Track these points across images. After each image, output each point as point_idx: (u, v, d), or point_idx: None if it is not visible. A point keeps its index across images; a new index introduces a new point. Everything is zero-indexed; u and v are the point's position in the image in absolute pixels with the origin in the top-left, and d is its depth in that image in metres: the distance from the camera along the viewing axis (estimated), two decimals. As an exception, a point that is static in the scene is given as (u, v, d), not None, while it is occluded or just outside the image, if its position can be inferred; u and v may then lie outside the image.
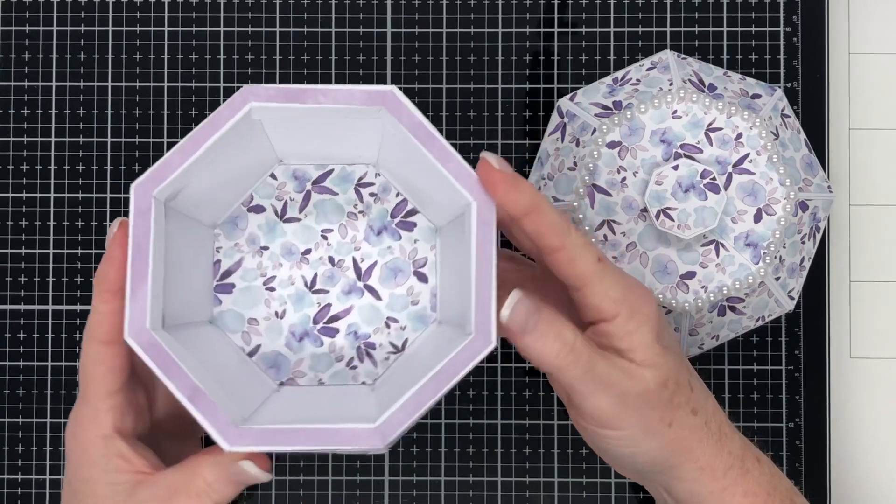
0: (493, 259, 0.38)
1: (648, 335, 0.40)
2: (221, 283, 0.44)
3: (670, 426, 0.41)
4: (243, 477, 0.40)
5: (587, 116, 0.48)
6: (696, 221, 0.46)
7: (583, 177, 0.47)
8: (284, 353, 0.44)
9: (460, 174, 0.38)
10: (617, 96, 0.48)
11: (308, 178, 0.45)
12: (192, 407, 0.38)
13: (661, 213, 0.46)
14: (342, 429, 0.38)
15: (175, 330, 0.40)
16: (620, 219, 0.47)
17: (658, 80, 0.48)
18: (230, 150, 0.40)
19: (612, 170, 0.47)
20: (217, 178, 0.41)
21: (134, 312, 0.38)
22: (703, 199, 0.46)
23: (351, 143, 0.43)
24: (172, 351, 0.38)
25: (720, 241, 0.47)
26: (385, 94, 0.39)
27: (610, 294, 0.40)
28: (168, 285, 0.40)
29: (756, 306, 0.49)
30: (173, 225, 0.40)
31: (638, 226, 0.47)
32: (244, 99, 0.39)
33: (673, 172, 0.46)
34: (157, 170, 0.39)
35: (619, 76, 0.50)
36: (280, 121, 0.40)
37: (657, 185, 0.46)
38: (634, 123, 0.47)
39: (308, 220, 0.45)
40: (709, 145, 0.47)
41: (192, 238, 0.42)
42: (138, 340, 0.38)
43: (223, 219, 0.45)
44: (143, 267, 0.38)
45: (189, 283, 0.42)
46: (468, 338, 0.38)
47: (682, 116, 0.47)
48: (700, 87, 0.48)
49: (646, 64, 0.50)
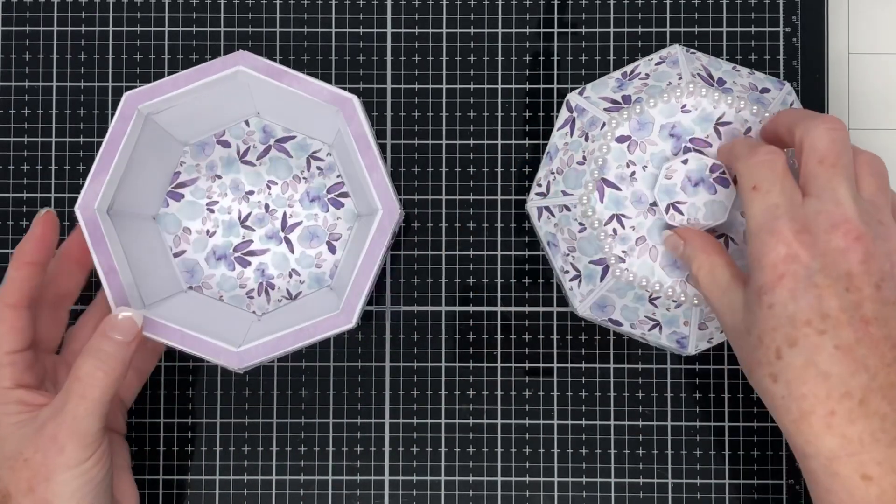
0: (378, 261, 0.46)
1: (757, 280, 0.41)
2: (174, 191, 0.52)
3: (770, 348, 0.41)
4: (115, 327, 0.45)
5: (596, 111, 0.48)
6: (705, 216, 0.46)
7: (592, 171, 0.47)
8: (201, 265, 0.52)
9: (379, 185, 0.46)
10: (626, 91, 0.48)
11: (274, 135, 0.52)
12: (105, 282, 0.46)
13: (671, 207, 0.46)
14: (210, 343, 0.46)
15: (122, 216, 0.48)
16: (630, 213, 0.47)
17: (667, 75, 0.48)
18: (216, 93, 0.48)
19: (621, 164, 0.47)
20: (198, 110, 0.49)
21: (88, 193, 0.46)
22: (712, 194, 0.46)
23: (317, 122, 0.50)
24: (106, 232, 0.46)
25: (730, 236, 0.47)
26: (346, 99, 0.47)
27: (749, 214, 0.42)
28: (128, 177, 0.48)
29: None
30: (150, 133, 0.48)
31: (647, 220, 0.47)
32: (235, 61, 0.47)
33: (682, 167, 0.46)
34: (148, 90, 0.47)
35: (627, 71, 0.49)
36: (265, 87, 0.48)
37: (666, 179, 0.46)
38: (644, 118, 0.47)
39: (261, 168, 0.52)
40: (718, 139, 0.47)
41: (163, 147, 0.50)
42: (84, 215, 0.46)
43: (194, 141, 0.52)
44: (108, 160, 0.47)
45: (147, 181, 0.50)
46: (334, 312, 0.46)
47: (691, 111, 0.47)
48: (709, 82, 0.48)
49: (654, 58, 0.49)
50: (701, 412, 0.54)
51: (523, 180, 0.55)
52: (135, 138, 0.47)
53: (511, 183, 0.55)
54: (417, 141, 0.55)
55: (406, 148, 0.55)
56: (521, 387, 0.54)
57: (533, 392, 0.54)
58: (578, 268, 0.49)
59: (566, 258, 0.49)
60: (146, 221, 0.51)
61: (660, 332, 0.49)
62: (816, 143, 0.41)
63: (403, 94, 0.55)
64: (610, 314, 0.49)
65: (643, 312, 0.48)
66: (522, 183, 0.55)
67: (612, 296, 0.48)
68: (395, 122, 0.55)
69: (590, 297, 0.48)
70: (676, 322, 0.48)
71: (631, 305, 0.48)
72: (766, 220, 0.40)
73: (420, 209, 0.55)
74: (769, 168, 0.41)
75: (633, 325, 0.49)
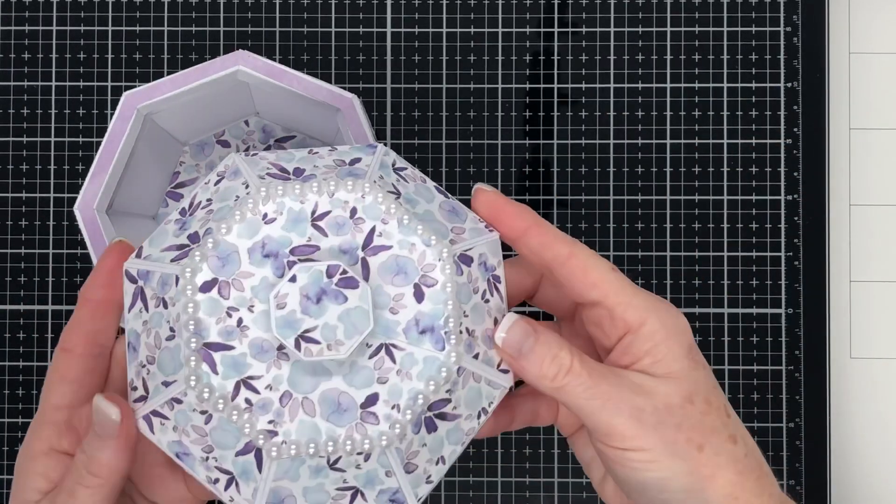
0: None
1: (678, 348, 0.37)
2: (173, 191, 0.53)
3: (701, 450, 0.36)
4: (99, 419, 0.36)
5: (163, 267, 0.37)
6: (346, 332, 0.36)
7: (188, 340, 0.36)
8: None
9: None
10: (190, 229, 0.38)
11: (274, 135, 0.53)
12: None
13: (301, 341, 0.36)
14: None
15: (121, 215, 0.49)
16: (258, 370, 0.36)
17: (232, 190, 0.38)
18: (215, 93, 0.48)
19: (220, 317, 0.36)
20: (198, 110, 0.50)
21: (87, 193, 0.47)
22: (342, 303, 0.36)
23: (317, 122, 0.50)
24: (105, 232, 0.47)
25: (389, 343, 0.37)
26: (346, 99, 0.46)
27: (634, 302, 0.37)
28: (127, 177, 0.48)
29: (468, 400, 0.38)
30: (149, 133, 0.49)
31: (283, 370, 0.36)
32: (235, 61, 0.47)
33: (293, 286, 0.36)
34: (147, 89, 0.47)
35: (185, 206, 0.40)
36: (264, 86, 0.47)
37: (280, 309, 0.36)
38: (223, 250, 0.37)
39: None
40: (324, 237, 0.37)
41: (162, 148, 0.51)
42: (83, 214, 0.47)
43: (194, 141, 0.53)
44: (107, 160, 0.47)
45: (147, 181, 0.51)
46: None
47: (276, 217, 0.37)
48: (284, 177, 0.39)
49: (212, 178, 0.40)
50: (701, 412, 0.54)
51: (523, 180, 0.55)
52: (134, 138, 0.48)
53: (511, 183, 0.55)
54: (417, 141, 0.55)
55: (406, 148, 0.55)
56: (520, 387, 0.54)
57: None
58: (226, 468, 0.37)
59: (206, 463, 0.37)
60: (146, 221, 0.51)
61: (365, 501, 0.38)
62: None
63: (403, 93, 0.55)
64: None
65: (332, 486, 0.37)
66: (522, 183, 0.55)
67: (285, 483, 0.37)
68: (395, 121, 0.55)
69: (258, 497, 0.37)
70: (376, 478, 0.37)
71: (313, 485, 0.37)
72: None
73: (420, 209, 0.55)
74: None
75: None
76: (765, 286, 0.54)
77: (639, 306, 0.37)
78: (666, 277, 0.55)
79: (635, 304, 0.37)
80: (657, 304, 0.37)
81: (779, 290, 0.54)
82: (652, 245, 0.55)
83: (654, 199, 0.55)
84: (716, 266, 0.55)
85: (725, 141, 0.55)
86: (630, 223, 0.55)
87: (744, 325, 0.54)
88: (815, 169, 0.55)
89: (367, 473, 0.37)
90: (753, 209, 0.55)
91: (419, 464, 0.38)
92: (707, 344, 0.54)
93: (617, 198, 0.55)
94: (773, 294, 0.54)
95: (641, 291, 0.37)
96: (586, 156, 0.55)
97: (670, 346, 0.37)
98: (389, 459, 0.37)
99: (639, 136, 0.55)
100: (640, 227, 0.55)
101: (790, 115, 0.55)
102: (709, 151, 0.55)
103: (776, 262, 0.55)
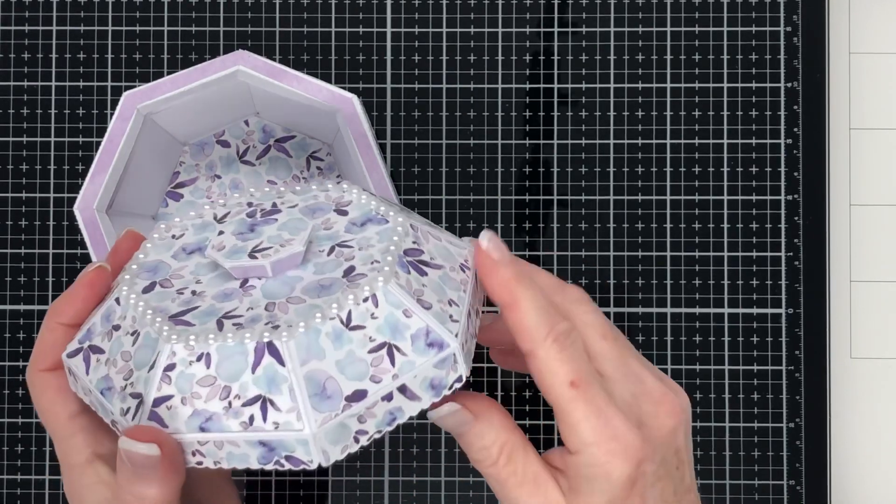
0: None
1: (599, 500, 0.34)
2: (173, 191, 0.53)
3: None
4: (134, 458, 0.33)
5: (97, 324, 0.37)
6: (291, 232, 0.37)
7: (152, 321, 0.35)
8: None
9: (379, 184, 0.46)
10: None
11: (274, 135, 0.53)
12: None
13: (255, 255, 0.36)
14: None
15: (121, 215, 0.49)
16: (230, 307, 0.35)
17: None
18: (215, 93, 0.49)
19: (173, 297, 0.36)
20: (197, 110, 0.50)
21: (87, 193, 0.47)
22: (275, 222, 0.38)
23: (316, 122, 0.51)
24: (105, 232, 0.47)
25: (337, 243, 0.37)
26: (346, 99, 0.46)
27: (577, 429, 0.34)
28: (127, 177, 0.48)
29: (440, 252, 0.38)
30: (149, 133, 0.49)
31: (254, 294, 0.36)
32: (235, 61, 0.47)
33: (225, 234, 0.37)
34: (147, 89, 0.47)
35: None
36: (264, 86, 0.48)
37: (220, 250, 0.37)
38: (148, 265, 0.38)
39: (260, 167, 0.53)
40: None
41: (162, 147, 0.51)
42: (83, 214, 0.47)
43: (193, 141, 0.53)
44: (107, 160, 0.47)
45: (146, 180, 0.51)
46: None
47: (184, 234, 0.39)
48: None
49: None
50: (701, 412, 0.54)
51: (523, 180, 0.55)
52: (134, 138, 0.48)
53: (511, 183, 0.55)
54: (417, 141, 0.55)
55: (406, 148, 0.55)
56: (520, 387, 0.54)
57: (533, 392, 0.54)
58: (249, 395, 0.34)
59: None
60: (146, 221, 0.51)
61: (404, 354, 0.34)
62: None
63: (403, 93, 0.55)
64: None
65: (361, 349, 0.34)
66: (522, 183, 0.55)
67: (314, 365, 0.34)
68: (395, 121, 0.55)
69: (299, 397, 0.33)
70: (399, 322, 0.35)
71: (343, 356, 0.34)
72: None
73: (420, 209, 0.55)
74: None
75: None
76: (765, 286, 0.54)
77: (580, 438, 0.34)
78: (666, 277, 0.55)
79: (577, 433, 0.34)
80: (603, 439, 0.34)
81: (779, 290, 0.54)
82: (652, 245, 0.55)
83: (654, 199, 0.55)
84: (716, 266, 0.55)
85: (725, 141, 0.55)
86: (630, 223, 0.55)
87: (744, 325, 0.54)
88: (815, 169, 0.55)
89: (387, 320, 0.34)
90: (753, 209, 0.55)
91: (431, 302, 0.35)
92: (707, 344, 0.54)
93: (617, 198, 0.55)
94: (773, 294, 0.54)
95: (595, 417, 0.34)
96: (586, 156, 0.55)
97: (593, 496, 0.35)
98: (398, 297, 0.34)
99: (639, 136, 0.55)
100: (640, 227, 0.55)
101: (790, 115, 0.55)
102: (709, 151, 0.55)
103: (776, 262, 0.55)
